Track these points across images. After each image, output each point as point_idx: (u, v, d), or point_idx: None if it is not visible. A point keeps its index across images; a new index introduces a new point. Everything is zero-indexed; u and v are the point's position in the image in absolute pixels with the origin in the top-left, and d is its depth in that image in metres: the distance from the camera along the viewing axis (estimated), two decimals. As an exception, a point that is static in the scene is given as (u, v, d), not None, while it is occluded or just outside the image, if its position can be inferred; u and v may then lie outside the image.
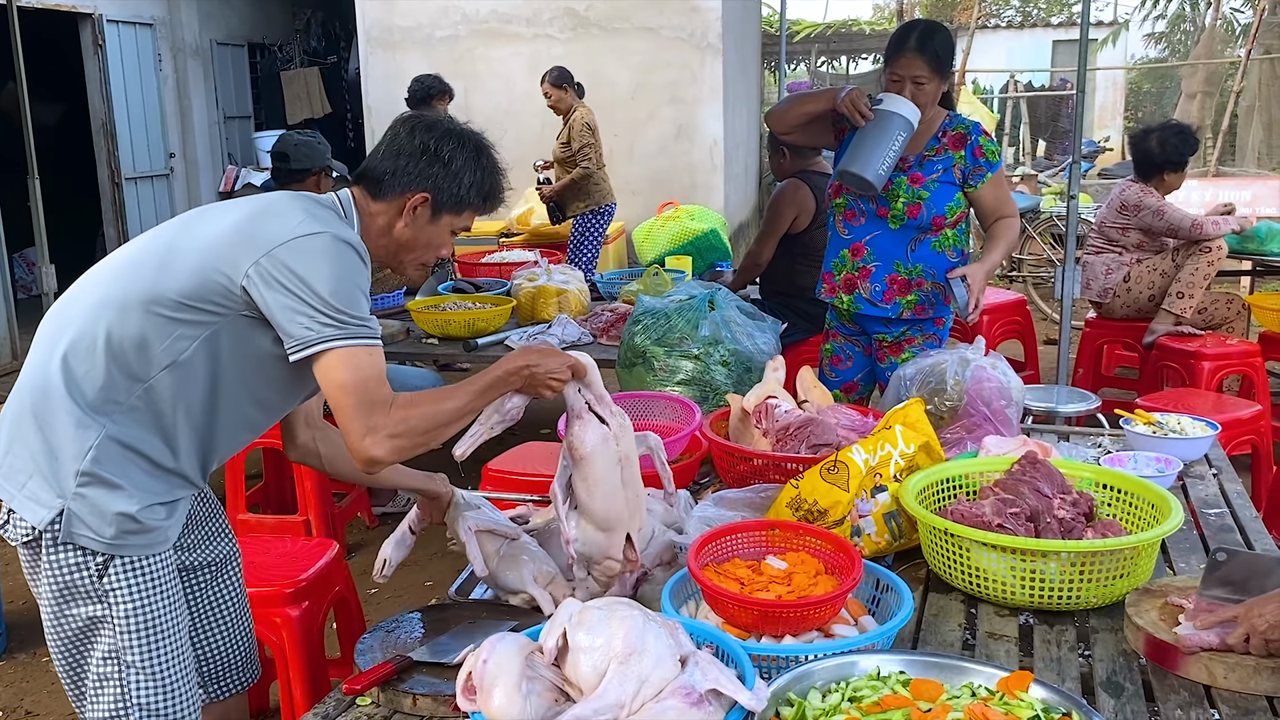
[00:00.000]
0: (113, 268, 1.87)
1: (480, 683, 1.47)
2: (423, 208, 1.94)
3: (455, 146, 1.95)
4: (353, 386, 1.74)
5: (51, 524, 1.76)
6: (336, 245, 1.78)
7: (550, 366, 1.90)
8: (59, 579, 1.79)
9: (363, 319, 1.77)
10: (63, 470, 1.77)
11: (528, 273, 4.79)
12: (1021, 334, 5.37)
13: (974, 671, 1.59)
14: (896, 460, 2.24)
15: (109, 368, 1.78)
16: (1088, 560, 1.92)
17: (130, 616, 1.80)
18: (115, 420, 1.78)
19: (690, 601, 1.92)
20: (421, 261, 2.04)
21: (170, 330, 1.77)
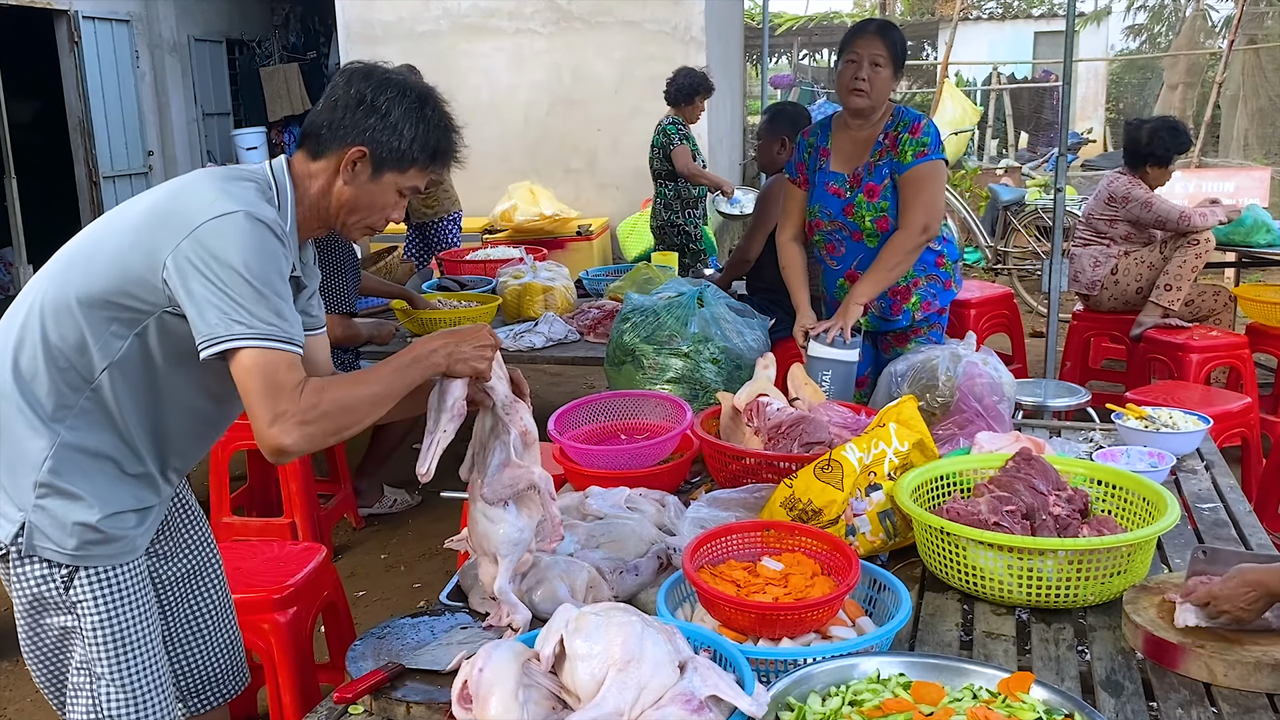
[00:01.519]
0: (50, 270, 1.80)
1: (476, 691, 1.44)
2: (361, 163, 1.81)
3: (394, 96, 1.82)
4: (258, 371, 1.63)
5: (15, 538, 1.72)
6: (249, 224, 1.67)
7: (471, 343, 1.81)
8: (28, 592, 1.75)
9: (279, 318, 1.66)
10: (21, 482, 1.72)
11: (513, 270, 4.75)
12: (1008, 327, 5.37)
13: (974, 673, 1.57)
14: (890, 458, 2.23)
15: (52, 373, 1.72)
16: (1085, 558, 1.91)
17: (99, 628, 1.76)
18: (70, 426, 1.73)
19: (686, 604, 1.90)
20: (367, 224, 1.90)
21: (103, 328, 1.71)
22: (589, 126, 8.18)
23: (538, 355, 4.19)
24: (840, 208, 3.26)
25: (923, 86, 17.37)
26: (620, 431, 2.82)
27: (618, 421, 2.85)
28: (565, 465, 2.62)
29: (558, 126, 8.21)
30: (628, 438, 2.78)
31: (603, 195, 8.22)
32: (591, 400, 2.85)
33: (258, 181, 1.80)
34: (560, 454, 2.65)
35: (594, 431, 2.81)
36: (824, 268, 3.42)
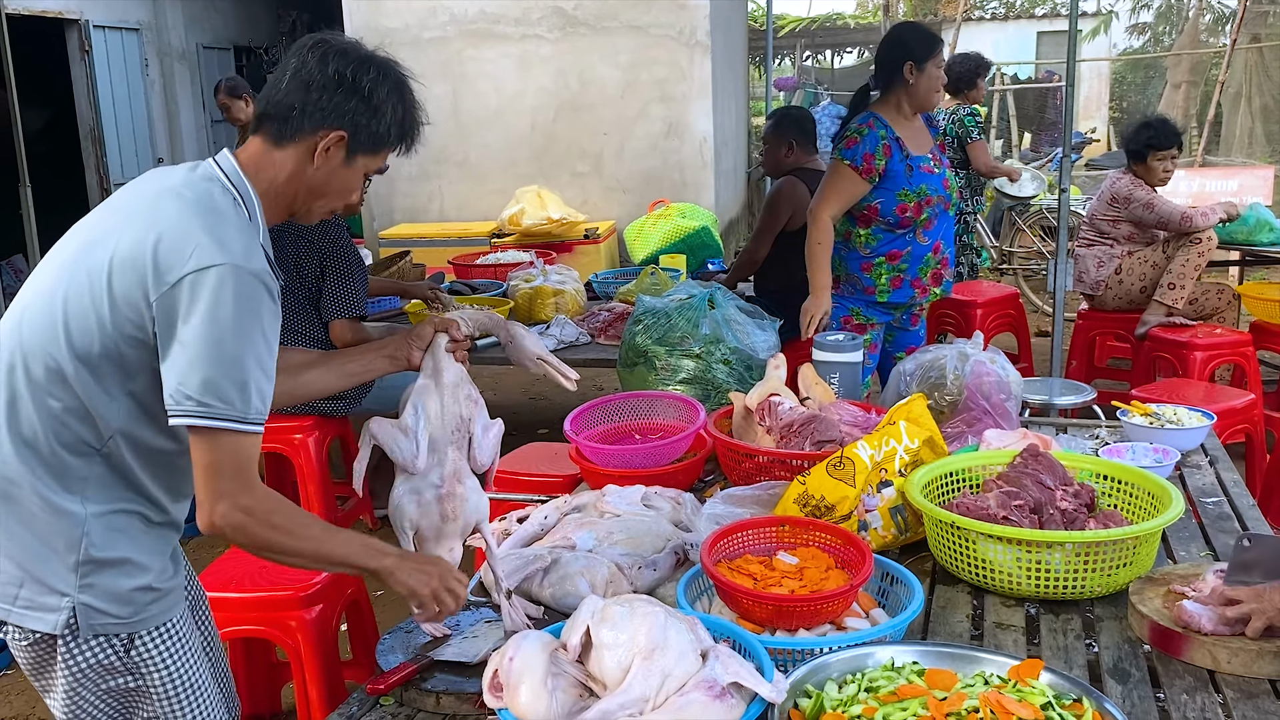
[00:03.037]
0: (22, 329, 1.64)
1: (507, 680, 1.50)
2: (336, 148, 1.68)
3: (377, 76, 1.69)
4: (218, 454, 1.56)
5: (67, 625, 1.61)
6: (238, 280, 1.55)
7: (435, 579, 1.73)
8: (80, 667, 1.65)
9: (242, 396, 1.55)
10: (58, 568, 1.61)
11: (524, 274, 4.81)
12: (1014, 327, 5.42)
13: (986, 661, 1.63)
14: (901, 455, 2.28)
15: (55, 445, 1.61)
16: (1092, 550, 1.96)
17: (167, 683, 1.72)
18: (90, 498, 1.63)
19: (704, 597, 1.96)
20: (330, 208, 1.79)
21: (99, 390, 1.60)
22: (595, 130, 8.24)
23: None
24: (939, 182, 3.61)
25: (926, 87, 17.34)
26: (635, 431, 2.88)
27: (632, 422, 2.90)
28: (581, 465, 2.68)
29: (564, 131, 8.27)
30: (642, 437, 2.83)
31: (609, 199, 8.27)
32: (606, 401, 2.91)
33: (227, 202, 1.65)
34: (576, 453, 2.71)
35: (609, 432, 2.87)
36: (911, 248, 3.66)
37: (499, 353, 4.25)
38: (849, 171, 3.56)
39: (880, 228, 3.62)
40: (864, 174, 3.54)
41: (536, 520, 2.35)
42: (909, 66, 3.55)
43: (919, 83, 3.56)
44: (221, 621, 2.41)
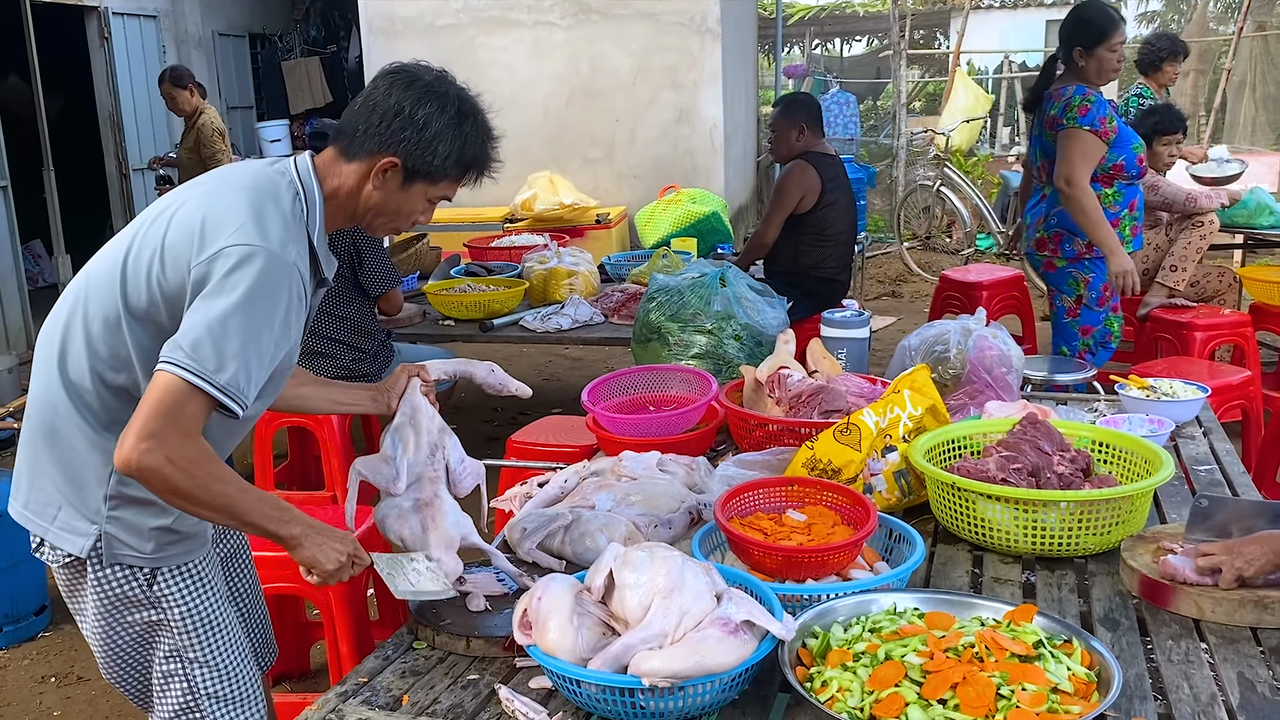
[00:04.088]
0: (93, 283, 1.79)
1: (535, 618, 1.61)
2: (392, 172, 1.80)
3: (433, 110, 1.79)
4: (170, 395, 1.61)
5: (93, 549, 1.78)
6: (267, 265, 1.66)
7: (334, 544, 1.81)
8: (108, 594, 1.81)
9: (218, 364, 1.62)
10: (90, 497, 1.77)
11: (538, 256, 4.91)
12: (1019, 309, 5.50)
13: (982, 607, 1.74)
14: (905, 422, 2.39)
15: (99, 388, 1.75)
16: (1086, 509, 2.06)
17: (186, 618, 1.85)
18: None
19: (717, 552, 2.07)
20: (393, 226, 1.92)
21: (144, 343, 1.73)
22: (607, 117, 8.33)
23: (565, 336, 4.36)
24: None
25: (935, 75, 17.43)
26: (649, 403, 2.99)
27: (646, 394, 3.01)
28: (598, 434, 2.79)
29: (576, 117, 8.36)
30: (656, 409, 2.94)
31: (620, 185, 8.37)
32: (622, 374, 3.02)
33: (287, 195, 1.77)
34: (593, 423, 2.82)
35: (624, 403, 2.98)
36: (1139, 196, 4.04)
37: (514, 331, 4.40)
38: (1089, 136, 3.86)
39: (1123, 183, 3.96)
40: (1103, 135, 3.86)
41: (557, 484, 2.46)
42: (1078, 51, 3.92)
43: (1088, 65, 3.91)
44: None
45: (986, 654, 1.54)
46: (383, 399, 2.11)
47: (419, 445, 2.01)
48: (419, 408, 2.06)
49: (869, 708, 1.49)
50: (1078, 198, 3.86)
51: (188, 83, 6.53)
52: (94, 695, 3.04)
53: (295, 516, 1.79)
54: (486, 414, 5.55)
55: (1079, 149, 3.86)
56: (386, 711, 1.68)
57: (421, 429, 2.04)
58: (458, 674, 1.79)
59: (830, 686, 1.54)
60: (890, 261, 9.25)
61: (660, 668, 1.50)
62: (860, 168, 9.32)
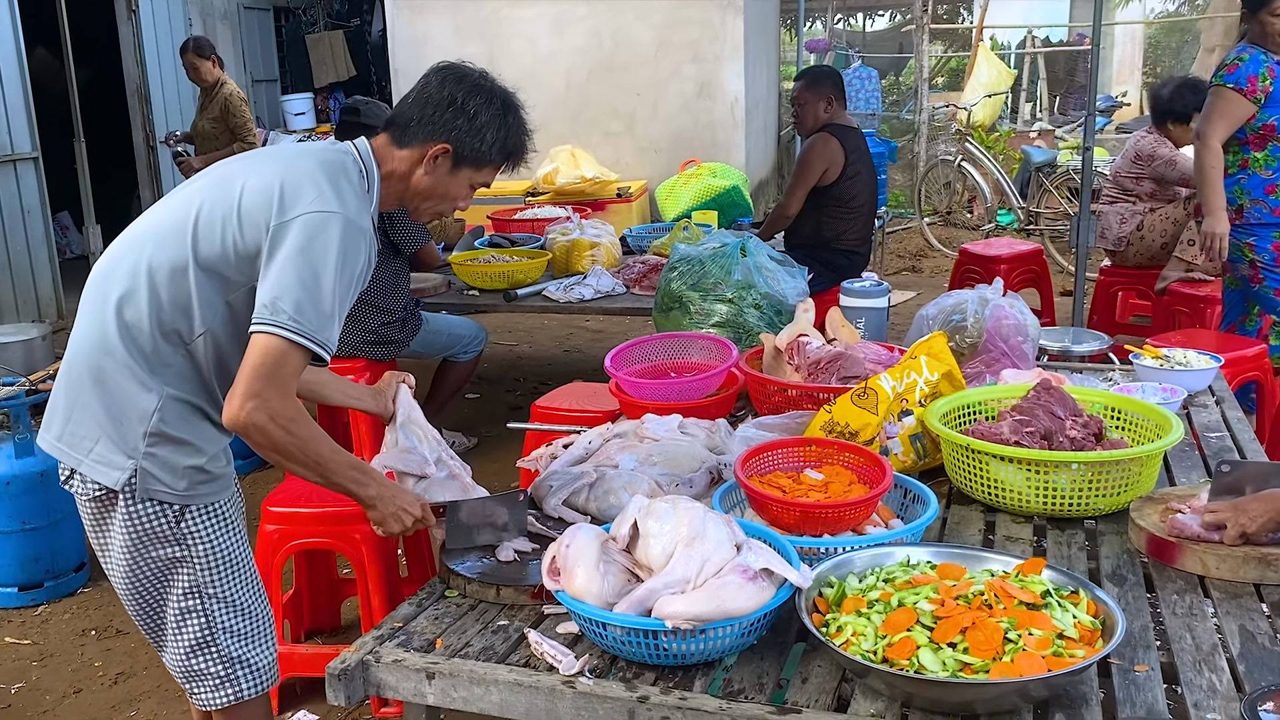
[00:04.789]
0: (154, 230, 1.91)
1: (563, 565, 1.69)
2: (443, 158, 1.99)
3: (482, 102, 2.00)
4: (271, 354, 1.77)
5: (127, 483, 1.86)
6: (346, 230, 1.82)
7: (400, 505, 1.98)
8: (137, 528, 1.90)
9: (322, 325, 1.79)
10: (130, 432, 1.86)
11: (561, 227, 4.98)
12: (1038, 283, 5.53)
13: (993, 560, 1.80)
14: (921, 387, 2.44)
15: (154, 332, 1.86)
16: (1097, 471, 2.12)
17: (209, 555, 1.95)
18: (168, 382, 1.88)
19: (736, 509, 2.14)
20: (437, 210, 2.10)
21: (204, 294, 1.86)
22: (628, 91, 8.35)
23: (588, 306, 4.42)
24: None
25: (958, 50, 17.32)
26: (670, 370, 3.05)
27: (667, 361, 3.07)
28: (620, 399, 2.86)
29: (597, 91, 8.38)
30: (677, 375, 3.01)
31: (641, 158, 8.40)
32: (643, 341, 3.08)
33: (354, 171, 1.95)
34: (616, 388, 2.89)
35: (646, 370, 3.04)
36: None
37: (538, 301, 4.47)
38: (1232, 94, 3.94)
39: (1276, 145, 3.98)
40: (1248, 94, 3.92)
41: (581, 445, 2.53)
42: (1244, 14, 4.04)
43: (1253, 28, 3.99)
44: (290, 534, 2.64)
45: (995, 601, 1.61)
46: (381, 399, 2.30)
47: (426, 435, 2.22)
48: (412, 406, 2.28)
49: (882, 651, 1.56)
50: (1201, 153, 3.95)
51: (210, 53, 6.65)
52: (133, 647, 3.15)
53: (375, 479, 1.97)
54: (509, 384, 5.64)
55: (1218, 106, 3.95)
56: (421, 653, 1.76)
57: (421, 423, 2.25)
58: (488, 620, 1.87)
59: (845, 631, 1.61)
60: (910, 237, 9.27)
61: (682, 611, 1.57)
62: (881, 142, 9.31)
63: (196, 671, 2.01)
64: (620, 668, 1.69)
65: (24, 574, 3.45)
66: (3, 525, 3.38)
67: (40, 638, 3.23)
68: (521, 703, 1.66)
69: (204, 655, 2.00)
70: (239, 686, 2.03)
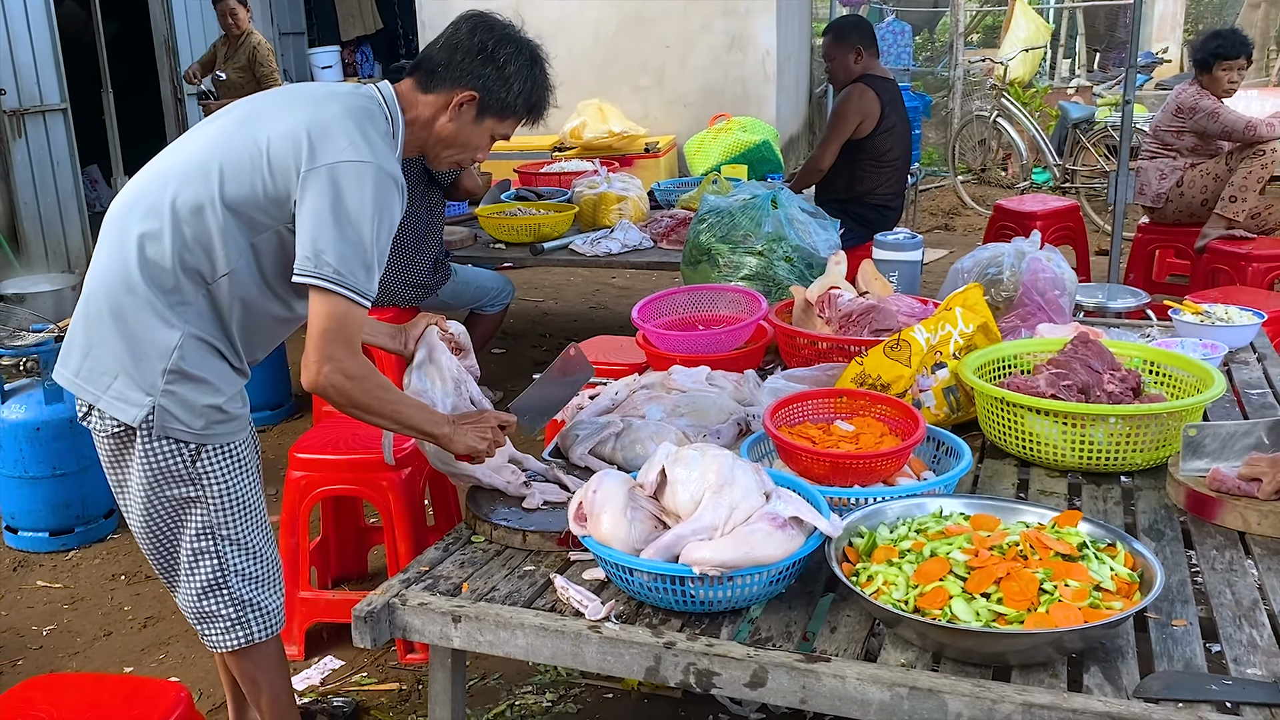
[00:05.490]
0: (185, 171, 1.89)
1: (590, 510, 1.67)
2: (469, 106, 1.98)
3: (512, 51, 1.99)
4: (336, 317, 1.81)
5: (145, 420, 1.87)
6: (380, 179, 1.82)
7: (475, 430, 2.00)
8: (154, 466, 1.91)
9: (367, 276, 1.82)
10: (149, 369, 1.86)
11: (588, 181, 4.92)
12: (1073, 240, 5.43)
13: (1028, 512, 1.77)
14: (956, 339, 2.40)
15: (177, 270, 1.86)
16: (1134, 425, 2.08)
17: (223, 496, 1.97)
18: (189, 321, 1.88)
19: (765, 460, 2.11)
20: (456, 159, 2.08)
21: (232, 233, 1.85)
22: (657, 44, 8.23)
23: (614, 261, 4.38)
24: None
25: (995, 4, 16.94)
26: (698, 323, 3.01)
27: (695, 314, 3.04)
28: (647, 350, 2.83)
29: (626, 44, 8.27)
30: (705, 328, 2.97)
31: (670, 113, 8.30)
32: (671, 293, 3.05)
33: (380, 118, 1.93)
34: (643, 340, 2.86)
35: (673, 322, 3.01)
36: None
37: (564, 255, 4.43)
38: None
39: None
40: None
41: (608, 396, 2.51)
42: None
43: None
44: (318, 481, 2.64)
45: (1031, 552, 1.58)
46: (400, 337, 2.24)
47: (444, 380, 2.14)
48: (436, 347, 2.19)
49: (913, 600, 1.54)
50: None
51: (244, 1, 6.62)
52: (161, 592, 3.18)
53: (440, 417, 2.00)
54: (535, 339, 5.62)
55: None
56: (447, 597, 1.75)
57: (442, 366, 2.17)
58: (514, 565, 1.86)
59: (876, 580, 1.59)
60: (944, 194, 9.13)
61: (710, 558, 1.55)
62: (916, 96, 9.15)
63: (208, 613, 2.03)
64: (646, 614, 1.67)
65: (55, 519, 3.49)
66: (33, 471, 3.40)
67: (71, 581, 3.27)
68: (547, 647, 1.65)
69: (215, 597, 2.01)
70: (249, 629, 2.04)
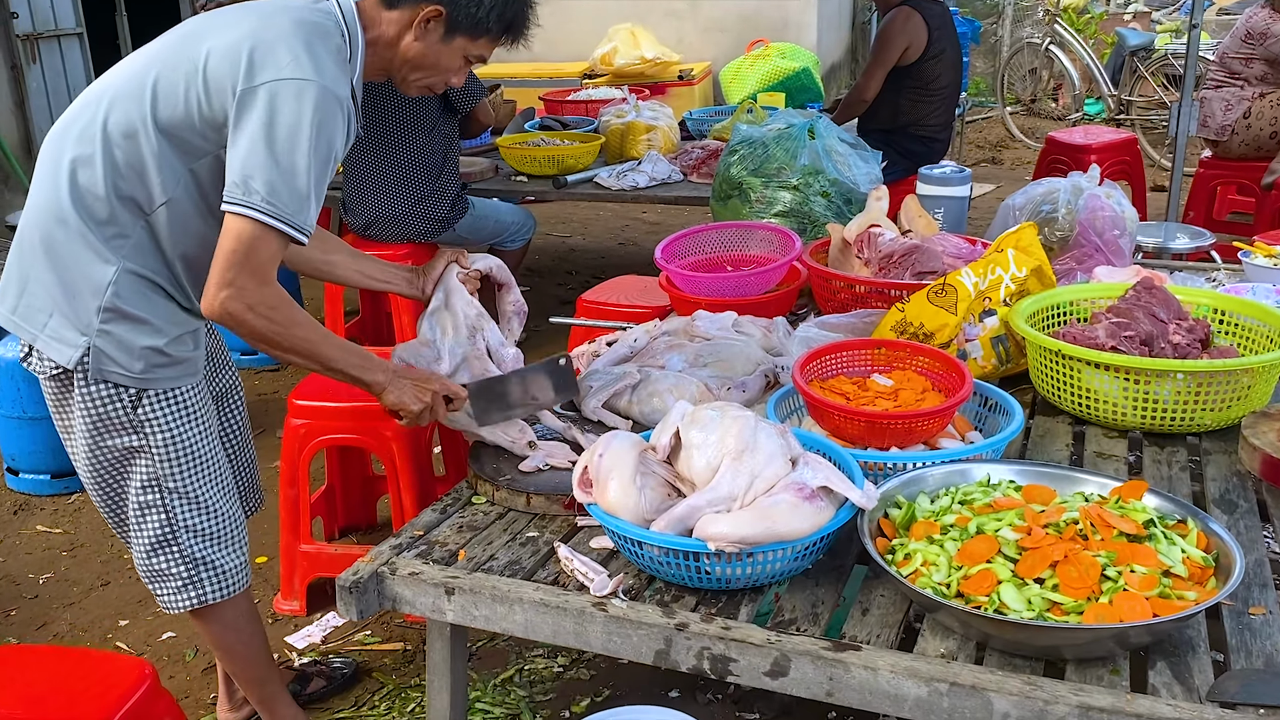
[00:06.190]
0: (116, 92, 1.75)
1: (596, 476, 1.50)
2: (435, 23, 1.80)
3: None
4: (244, 240, 1.63)
5: (80, 362, 1.74)
6: (323, 100, 1.65)
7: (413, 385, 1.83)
8: (93, 412, 1.78)
9: (297, 205, 1.64)
10: (83, 307, 1.74)
11: (616, 109, 4.70)
12: (1130, 175, 5.14)
13: (1086, 481, 1.58)
14: (1007, 284, 2.20)
15: (112, 199, 1.72)
16: (1204, 382, 1.88)
17: (168, 445, 1.82)
18: (126, 255, 1.74)
19: (794, 417, 1.94)
20: (426, 83, 1.89)
21: (166, 159, 1.71)
22: (694, -34, 7.91)
23: (641, 195, 4.17)
24: None
25: (1047, -73, 16.20)
26: (727, 263, 2.83)
27: (724, 253, 2.85)
28: (671, 293, 2.65)
29: (660, -34, 7.95)
30: (734, 269, 2.78)
31: (706, 39, 8.00)
32: (698, 231, 2.85)
33: (335, 35, 1.75)
34: (667, 281, 2.68)
35: (700, 262, 2.82)
36: None
37: (589, 189, 4.23)
38: None
39: None
40: None
41: (626, 343, 2.34)
42: None
43: None
44: (319, 430, 2.50)
45: (1091, 531, 1.39)
46: (418, 282, 2.08)
47: (458, 328, 1.98)
48: (454, 291, 2.01)
49: (956, 584, 1.37)
50: None
51: None
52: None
53: (378, 364, 1.82)
54: (561, 277, 5.44)
55: None
56: (441, 566, 1.61)
57: (458, 313, 1.99)
58: (517, 530, 1.71)
59: (914, 560, 1.42)
60: (991, 126, 8.78)
61: (727, 532, 1.39)
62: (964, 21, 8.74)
63: (158, 571, 1.91)
64: (658, 589, 1.52)
65: (56, 461, 3.39)
66: (32, 411, 3.30)
67: (72, 527, 3.17)
68: (547, 625, 1.50)
69: (165, 554, 1.89)
70: (201, 589, 1.92)
